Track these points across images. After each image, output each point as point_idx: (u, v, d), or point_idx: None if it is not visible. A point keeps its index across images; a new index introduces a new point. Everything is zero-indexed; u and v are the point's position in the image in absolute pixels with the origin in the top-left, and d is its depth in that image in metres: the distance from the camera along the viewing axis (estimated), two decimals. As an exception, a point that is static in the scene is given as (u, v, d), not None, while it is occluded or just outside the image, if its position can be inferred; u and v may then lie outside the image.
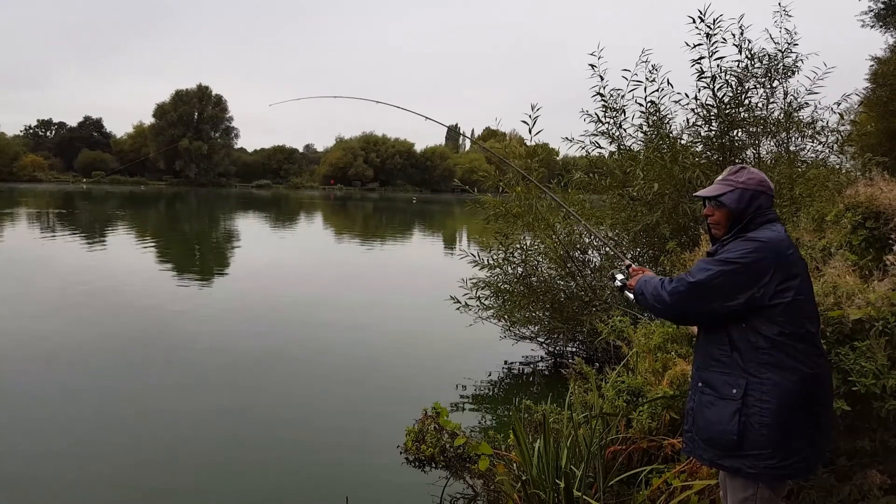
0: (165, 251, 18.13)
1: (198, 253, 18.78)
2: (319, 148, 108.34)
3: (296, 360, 7.53)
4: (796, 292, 2.23)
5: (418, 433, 3.57)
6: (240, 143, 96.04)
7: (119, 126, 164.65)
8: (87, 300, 10.31)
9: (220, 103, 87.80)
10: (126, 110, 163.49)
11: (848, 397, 2.62)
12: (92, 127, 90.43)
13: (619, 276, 2.76)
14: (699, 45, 6.62)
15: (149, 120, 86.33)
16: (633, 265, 2.85)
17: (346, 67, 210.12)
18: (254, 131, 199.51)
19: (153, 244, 19.76)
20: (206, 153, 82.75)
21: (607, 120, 7.23)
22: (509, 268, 7.47)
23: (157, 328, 8.72)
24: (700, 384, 2.39)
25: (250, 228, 28.36)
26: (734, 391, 2.24)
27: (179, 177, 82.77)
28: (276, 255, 18.28)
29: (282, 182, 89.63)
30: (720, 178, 2.49)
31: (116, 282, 12.04)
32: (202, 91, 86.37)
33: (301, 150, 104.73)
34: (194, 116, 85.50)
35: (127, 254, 16.60)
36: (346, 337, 8.74)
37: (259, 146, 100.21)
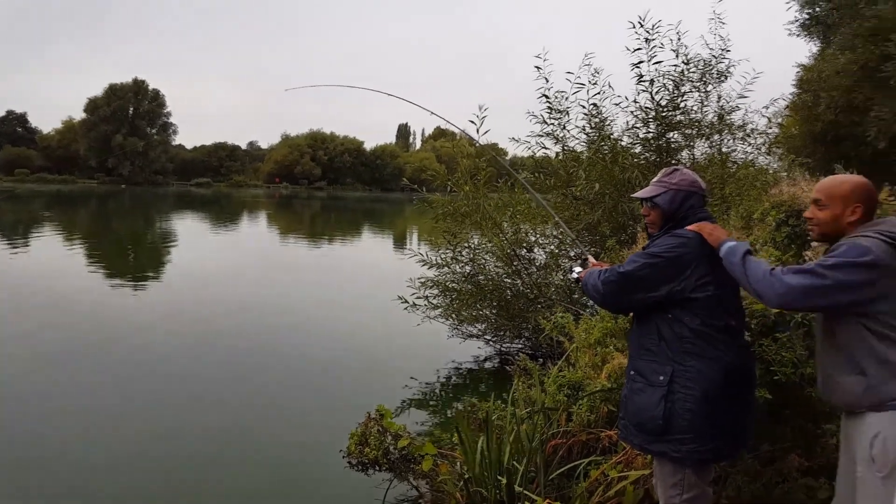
0: (96, 254, 17.28)
1: (132, 255, 18.03)
2: (264, 145, 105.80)
3: (236, 364, 7.32)
4: (716, 287, 2.36)
5: (361, 436, 3.54)
6: (178, 140, 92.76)
7: (47, 122, 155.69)
8: (9, 305, 9.72)
9: (157, 98, 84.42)
10: (54, 105, 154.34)
11: (770, 386, 2.77)
12: (15, 122, 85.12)
13: (577, 269, 2.88)
14: (638, 49, 6.84)
15: (79, 115, 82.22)
16: (591, 259, 2.95)
17: (295, 65, 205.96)
18: (194, 128, 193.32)
19: (83, 246, 18.81)
20: (142, 150, 79.36)
21: (552, 121, 7.38)
22: (457, 266, 7.52)
23: (90, 334, 8.31)
24: (632, 372, 2.51)
25: (189, 229, 27.42)
26: (661, 378, 2.37)
27: (112, 175, 79.03)
28: (216, 256, 17.76)
29: (223, 180, 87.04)
30: (655, 179, 2.60)
31: (43, 285, 11.41)
32: (138, 85, 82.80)
33: (244, 147, 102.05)
34: (129, 112, 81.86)
35: (54, 256, 15.72)
36: (290, 339, 8.58)
37: (200, 143, 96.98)
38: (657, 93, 6.97)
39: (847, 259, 2.03)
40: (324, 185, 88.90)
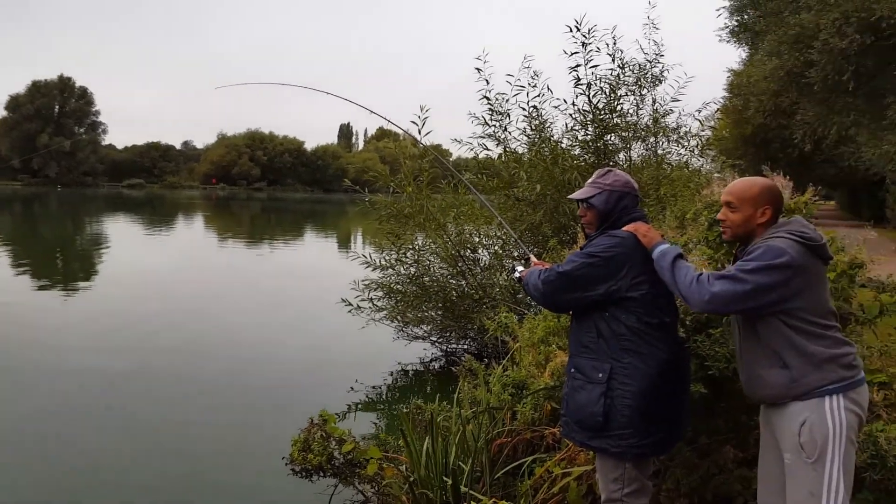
0: (21, 260, 16.21)
1: (60, 261, 17.04)
2: (199, 145, 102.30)
3: (174, 372, 7.01)
4: (651, 286, 2.42)
5: (304, 442, 3.44)
6: (108, 140, 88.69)
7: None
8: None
9: (84, 96, 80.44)
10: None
11: (705, 381, 2.86)
12: (-73, 119, 79.20)
13: (519, 269, 2.91)
14: (576, 53, 6.99)
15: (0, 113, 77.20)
16: (533, 259, 2.97)
17: (229, 61, 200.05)
18: (125, 127, 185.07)
19: (5, 251, 17.61)
20: (69, 150, 75.24)
21: (493, 123, 7.44)
22: (402, 268, 7.45)
23: (15, 345, 7.76)
24: (572, 370, 2.55)
25: (121, 233, 26.14)
26: (600, 375, 2.41)
27: (38, 176, 74.59)
28: (150, 261, 16.96)
29: (156, 181, 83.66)
30: (589, 181, 2.65)
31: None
32: (64, 82, 78.67)
33: (179, 146, 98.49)
34: (55, 110, 77.56)
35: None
36: (231, 346, 8.30)
37: (131, 143, 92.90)
38: (594, 96, 7.14)
39: (765, 262, 2.13)
40: (263, 185, 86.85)
